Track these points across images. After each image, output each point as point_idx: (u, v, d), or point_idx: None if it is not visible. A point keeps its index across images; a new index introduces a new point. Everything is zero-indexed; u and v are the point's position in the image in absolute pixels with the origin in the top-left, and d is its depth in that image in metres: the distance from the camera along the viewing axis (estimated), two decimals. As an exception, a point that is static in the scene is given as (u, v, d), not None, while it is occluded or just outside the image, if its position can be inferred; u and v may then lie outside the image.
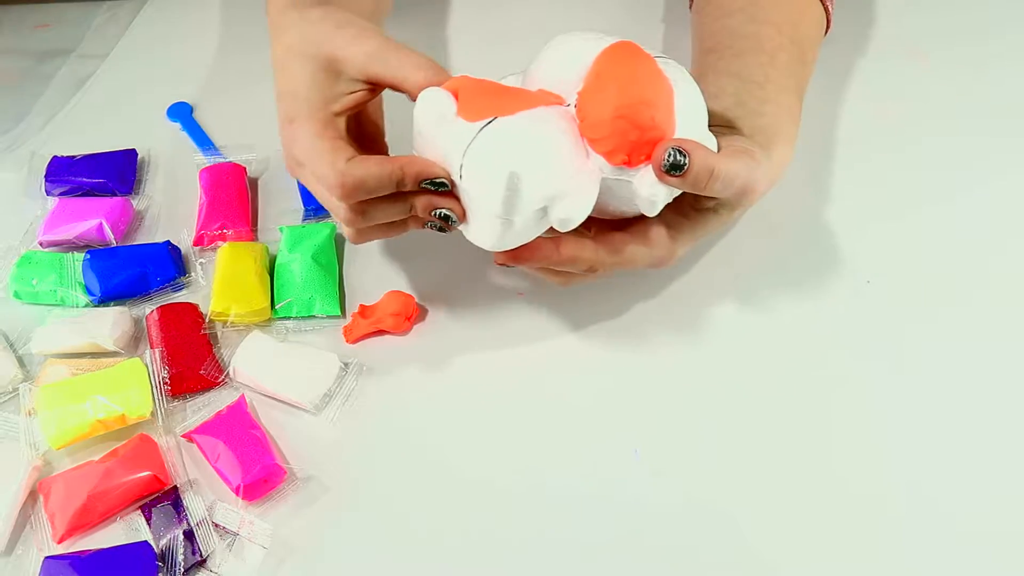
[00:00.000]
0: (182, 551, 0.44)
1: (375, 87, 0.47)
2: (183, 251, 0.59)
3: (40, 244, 0.59)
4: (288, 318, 0.55)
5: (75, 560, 0.43)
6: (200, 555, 0.44)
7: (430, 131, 0.44)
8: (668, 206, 0.45)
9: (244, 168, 0.63)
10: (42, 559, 0.44)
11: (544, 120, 0.43)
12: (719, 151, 0.44)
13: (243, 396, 0.51)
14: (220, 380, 0.52)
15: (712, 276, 0.55)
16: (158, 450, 0.48)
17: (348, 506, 0.47)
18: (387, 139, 0.53)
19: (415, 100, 0.45)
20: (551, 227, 0.44)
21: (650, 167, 0.42)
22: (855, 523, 0.45)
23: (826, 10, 0.57)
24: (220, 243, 0.58)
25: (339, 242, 0.59)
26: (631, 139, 0.42)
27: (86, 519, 0.46)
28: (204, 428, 0.49)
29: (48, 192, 0.62)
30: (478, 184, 0.42)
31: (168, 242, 0.58)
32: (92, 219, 0.59)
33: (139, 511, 0.46)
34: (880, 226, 0.57)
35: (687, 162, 0.41)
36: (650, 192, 0.42)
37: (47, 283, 0.55)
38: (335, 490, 0.47)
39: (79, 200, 0.61)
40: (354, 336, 0.53)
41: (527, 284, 0.55)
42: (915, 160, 0.60)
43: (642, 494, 0.46)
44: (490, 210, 0.42)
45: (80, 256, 0.57)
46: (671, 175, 0.41)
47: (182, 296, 0.56)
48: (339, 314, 0.55)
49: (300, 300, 0.54)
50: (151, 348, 0.53)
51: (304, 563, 0.45)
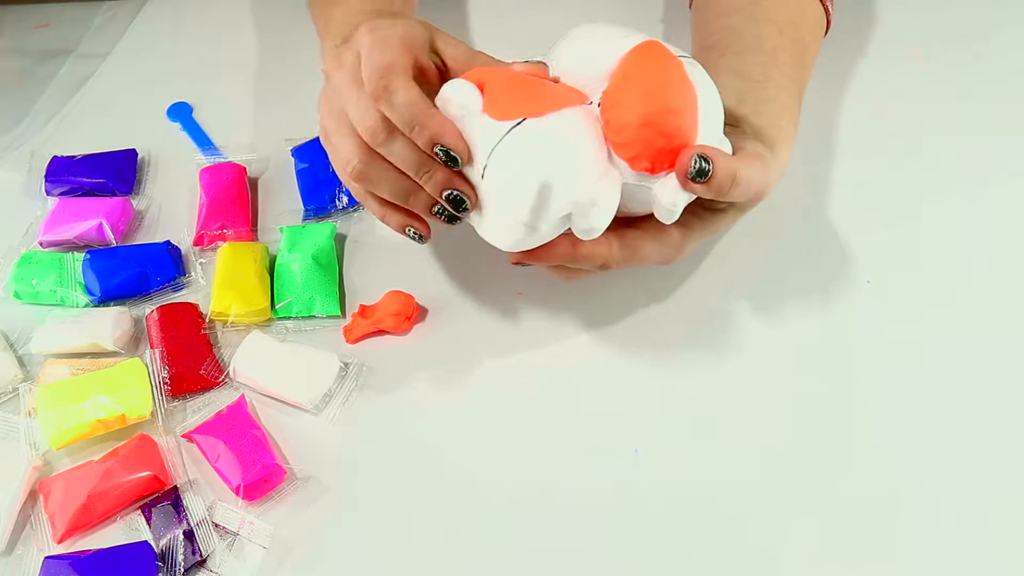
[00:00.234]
0: (182, 551, 0.44)
1: (443, 75, 0.47)
2: (183, 251, 0.59)
3: (40, 244, 0.59)
4: (288, 318, 0.55)
5: (75, 560, 0.43)
6: (200, 555, 0.44)
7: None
8: None
9: (244, 168, 0.63)
10: (42, 559, 0.44)
11: (572, 124, 0.42)
12: (735, 155, 0.44)
13: (243, 396, 0.51)
14: (220, 380, 0.52)
15: (712, 276, 0.55)
16: (158, 450, 0.48)
17: (348, 506, 0.47)
18: None
19: None
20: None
21: (671, 175, 0.42)
22: (855, 522, 0.45)
23: (826, 10, 0.57)
24: (220, 243, 0.58)
25: (339, 242, 0.59)
26: (656, 147, 0.42)
27: (86, 519, 0.46)
28: (204, 428, 0.49)
29: (48, 192, 0.62)
30: (505, 189, 0.42)
31: (168, 242, 0.58)
32: (92, 219, 0.59)
33: (139, 511, 0.46)
34: (880, 226, 0.57)
35: (711, 169, 0.41)
36: (671, 201, 0.42)
37: (47, 283, 0.56)
38: (335, 490, 0.47)
39: (79, 200, 0.61)
40: (354, 336, 0.53)
41: (527, 284, 0.55)
42: (915, 160, 0.60)
43: (642, 494, 0.46)
44: (516, 217, 0.42)
45: (80, 256, 0.57)
46: (696, 182, 0.42)
47: (182, 296, 0.56)
48: (339, 314, 0.55)
49: (300, 300, 0.54)
50: (151, 348, 0.53)
51: (304, 563, 0.45)
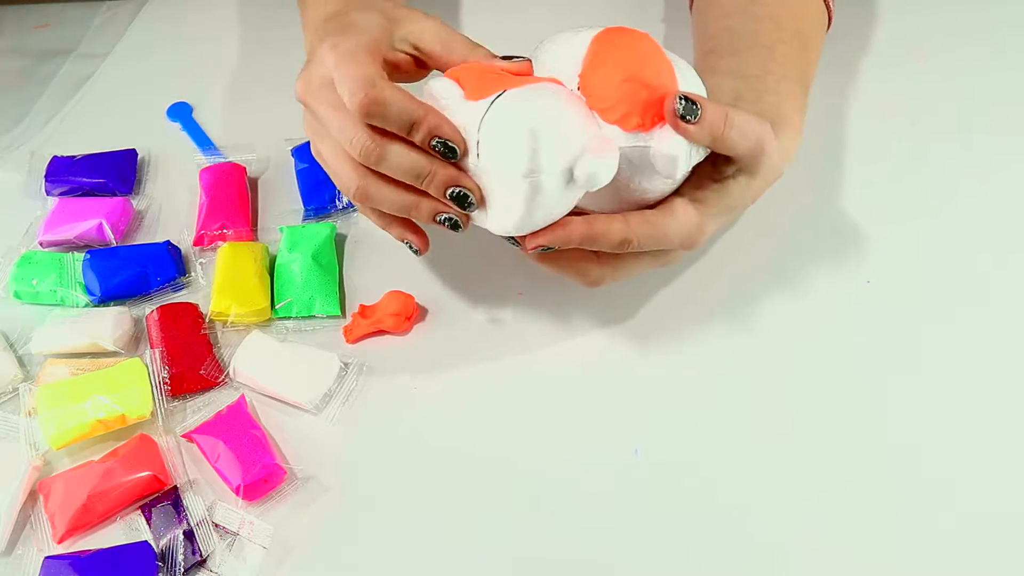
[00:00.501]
0: (182, 551, 0.44)
1: (419, 64, 0.47)
2: (183, 251, 0.59)
3: (40, 244, 0.59)
4: (288, 318, 0.55)
5: (75, 560, 0.43)
6: (200, 555, 0.44)
7: None
8: (688, 182, 0.45)
9: (244, 168, 0.63)
10: (42, 559, 0.44)
11: (553, 88, 0.43)
12: None
13: (243, 396, 0.51)
14: (220, 380, 0.52)
15: (712, 276, 0.55)
16: (158, 450, 0.48)
17: (348, 506, 0.47)
18: None
19: None
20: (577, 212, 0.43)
21: (666, 127, 0.42)
22: (856, 523, 0.45)
23: (827, 6, 0.57)
24: (220, 243, 0.58)
25: (339, 242, 0.59)
26: (642, 99, 0.42)
27: (86, 519, 0.46)
28: (204, 428, 0.49)
29: (48, 192, 0.62)
30: (498, 148, 0.41)
31: (168, 242, 0.58)
32: (92, 219, 0.59)
33: (139, 511, 0.46)
34: (880, 226, 0.57)
35: (700, 109, 0.41)
36: (669, 149, 0.42)
37: (47, 283, 0.56)
38: (335, 490, 0.47)
39: (79, 200, 0.61)
40: (354, 336, 0.53)
41: (527, 284, 0.55)
42: (916, 160, 0.60)
43: (643, 493, 0.46)
44: (516, 169, 0.41)
45: (80, 256, 0.57)
46: (686, 122, 0.41)
47: (182, 296, 0.56)
48: (339, 314, 0.55)
49: (300, 300, 0.54)
50: (151, 348, 0.53)
51: (304, 563, 0.45)
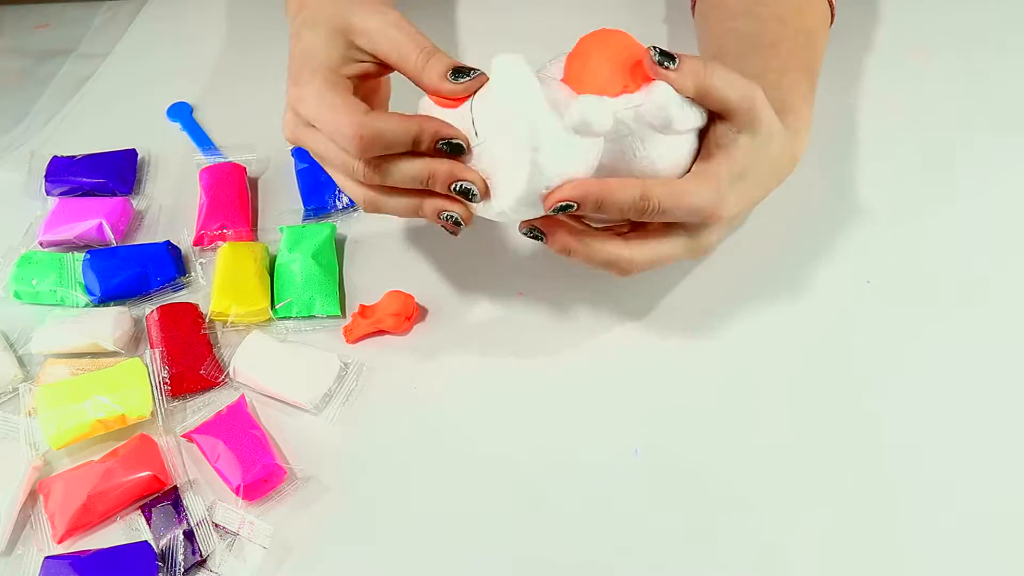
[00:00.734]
0: (182, 551, 0.44)
1: (382, 65, 0.47)
2: (183, 251, 0.59)
3: (40, 244, 0.59)
4: (288, 318, 0.55)
5: (75, 560, 0.43)
6: (200, 555, 0.44)
7: None
8: (696, 157, 0.45)
9: (244, 168, 0.63)
10: (42, 559, 0.44)
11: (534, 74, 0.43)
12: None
13: (243, 396, 0.51)
14: (220, 380, 0.52)
15: (712, 276, 0.55)
16: (158, 450, 0.48)
17: (348, 506, 0.47)
18: None
19: (414, 82, 0.45)
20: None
21: (652, 84, 0.42)
22: (855, 521, 0.45)
23: (830, 2, 0.57)
24: (220, 243, 0.58)
25: (339, 242, 0.59)
26: (621, 65, 0.43)
27: (86, 519, 0.46)
28: (204, 428, 0.49)
29: (48, 192, 0.62)
30: (492, 111, 0.42)
31: (168, 242, 0.58)
32: (92, 219, 0.59)
33: (139, 511, 0.46)
34: (881, 226, 0.57)
35: (676, 57, 0.42)
36: (658, 98, 0.42)
37: (47, 283, 0.55)
38: (335, 490, 0.47)
39: (79, 200, 0.61)
40: (354, 336, 0.53)
41: (527, 284, 0.55)
42: (917, 161, 0.60)
43: (643, 493, 0.46)
44: (513, 119, 0.41)
45: (80, 256, 0.57)
46: (665, 67, 0.42)
47: (182, 296, 0.56)
48: (339, 314, 0.55)
49: (300, 300, 0.54)
50: (151, 348, 0.53)
51: (304, 563, 0.45)
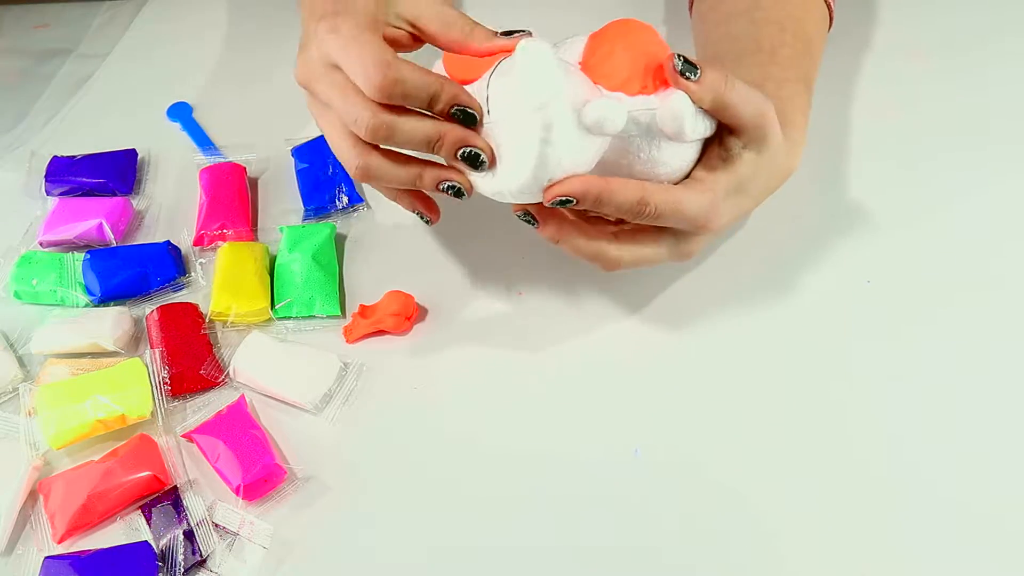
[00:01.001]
0: (182, 551, 0.44)
1: (414, 37, 0.47)
2: (183, 251, 0.59)
3: (40, 244, 0.59)
4: (288, 318, 0.55)
5: (75, 560, 0.43)
6: (200, 555, 0.44)
7: None
8: (697, 163, 0.45)
9: (244, 168, 0.63)
10: (42, 559, 0.44)
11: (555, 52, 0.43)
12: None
13: (243, 396, 0.51)
14: (220, 380, 0.52)
15: (713, 275, 0.55)
16: (158, 450, 0.48)
17: (348, 506, 0.47)
18: None
19: (457, 49, 0.45)
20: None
21: (670, 89, 0.43)
22: (855, 520, 0.45)
23: (828, 7, 0.57)
24: (220, 243, 0.58)
25: (339, 242, 0.59)
26: (644, 66, 0.43)
27: (86, 519, 0.46)
28: (204, 428, 0.49)
29: (48, 192, 0.62)
30: (508, 92, 0.42)
31: (168, 242, 0.58)
32: (92, 219, 0.59)
33: (139, 511, 0.46)
34: (881, 226, 0.57)
35: (699, 69, 0.42)
36: (674, 106, 0.42)
37: (47, 283, 0.55)
38: (335, 490, 0.47)
39: (79, 200, 0.61)
40: (354, 336, 0.53)
41: (527, 284, 0.55)
42: (917, 161, 0.60)
43: (642, 493, 0.46)
44: (526, 105, 0.41)
45: (80, 256, 0.57)
46: (686, 78, 0.42)
47: (182, 296, 0.56)
48: (339, 314, 0.55)
49: (300, 300, 0.54)
50: (151, 348, 0.53)
51: (304, 563, 0.45)
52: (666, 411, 0.49)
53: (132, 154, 0.65)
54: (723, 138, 0.45)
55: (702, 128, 0.44)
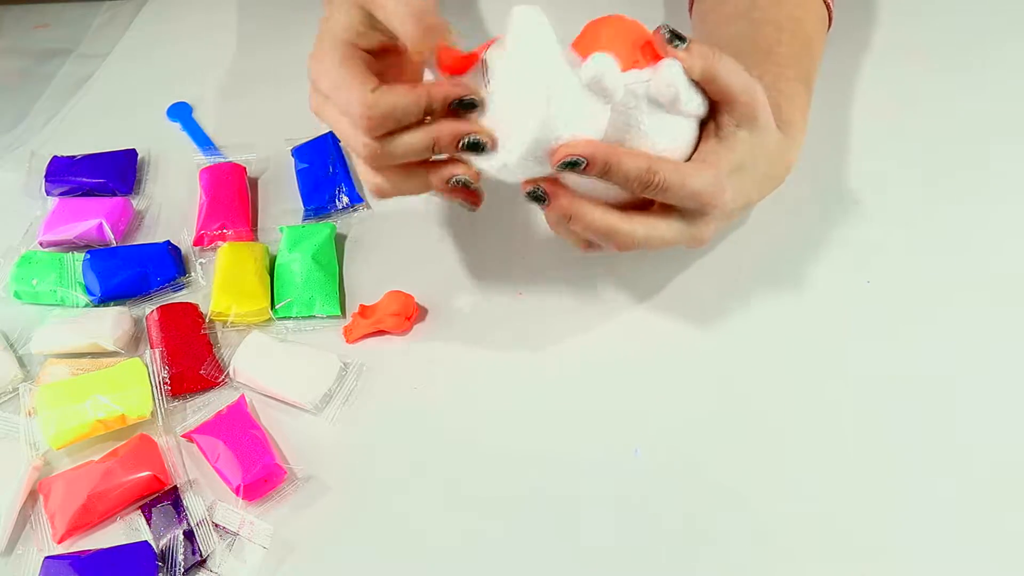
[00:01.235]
0: (182, 551, 0.44)
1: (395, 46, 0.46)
2: (183, 251, 0.59)
3: (40, 244, 0.59)
4: (288, 318, 0.55)
5: (75, 560, 0.43)
6: (200, 555, 0.44)
7: None
8: (697, 147, 0.46)
9: (244, 168, 0.63)
10: (42, 559, 0.44)
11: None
12: None
13: (243, 396, 0.51)
14: (220, 380, 0.52)
15: (713, 275, 0.55)
16: (158, 450, 0.48)
17: (348, 506, 0.47)
18: None
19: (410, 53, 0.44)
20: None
21: (662, 61, 0.43)
22: (854, 521, 0.45)
23: (827, 6, 0.57)
24: (220, 243, 0.58)
25: (339, 242, 0.59)
26: (631, 43, 0.43)
27: (86, 519, 0.46)
28: (204, 428, 0.49)
29: (48, 192, 0.62)
30: (505, 58, 0.42)
31: (168, 242, 0.58)
32: (92, 219, 0.59)
33: (139, 511, 0.46)
34: (881, 226, 0.57)
35: (688, 38, 0.43)
36: (667, 76, 0.43)
37: (47, 283, 0.56)
38: (335, 490, 0.47)
39: (79, 200, 0.61)
40: (354, 336, 0.53)
41: (527, 284, 0.55)
42: (917, 161, 0.60)
43: (642, 493, 0.46)
44: (526, 64, 0.41)
45: (80, 256, 0.57)
46: (675, 46, 0.42)
47: (182, 296, 0.56)
48: (339, 314, 0.55)
49: (300, 300, 0.54)
50: (151, 348, 0.53)
51: (304, 563, 0.45)
52: (666, 411, 0.49)
53: (132, 154, 0.65)
54: (717, 118, 0.45)
55: (696, 103, 0.44)
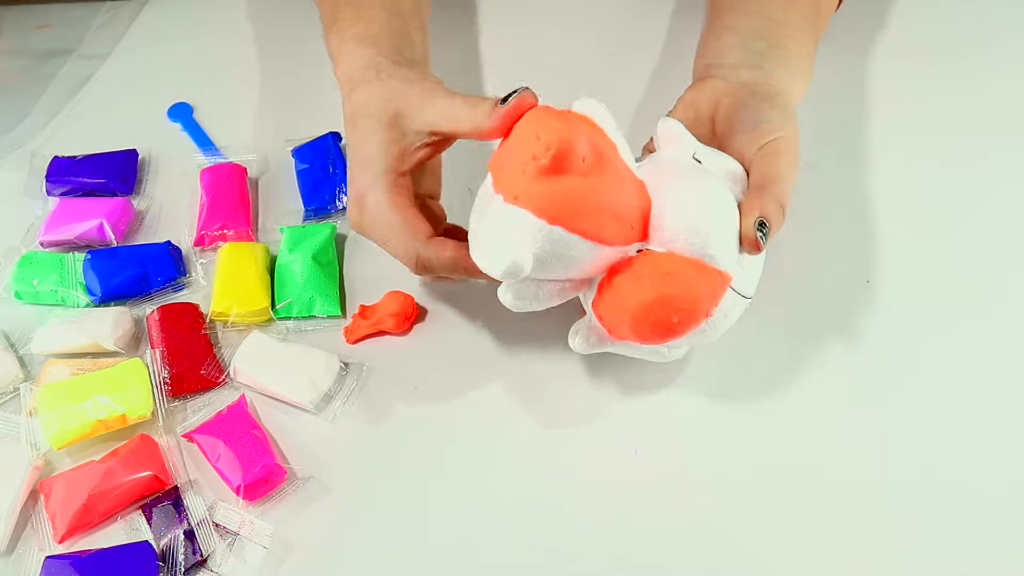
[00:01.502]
0: (183, 551, 0.44)
1: (439, 142, 0.48)
2: (183, 251, 0.59)
3: (41, 244, 0.59)
4: (288, 318, 0.55)
5: (76, 560, 0.44)
6: (200, 555, 0.45)
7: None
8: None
9: (244, 168, 0.63)
10: (43, 559, 0.44)
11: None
12: (757, 153, 0.46)
13: (243, 396, 0.51)
14: (220, 380, 0.52)
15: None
16: (159, 450, 0.48)
17: (348, 506, 0.47)
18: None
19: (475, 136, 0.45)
20: None
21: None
22: (854, 521, 0.45)
23: None
24: (220, 243, 0.58)
25: (339, 242, 0.59)
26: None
27: (87, 519, 0.46)
28: (204, 428, 0.49)
29: (49, 192, 0.62)
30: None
31: (169, 242, 0.58)
32: (93, 219, 0.59)
33: (140, 511, 0.46)
34: (881, 226, 0.57)
35: (767, 227, 0.43)
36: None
37: (48, 283, 0.56)
38: (335, 490, 0.47)
39: (80, 200, 0.61)
40: (354, 337, 0.53)
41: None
42: (916, 161, 0.60)
43: (642, 492, 0.46)
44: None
45: (81, 256, 0.57)
46: (762, 237, 0.43)
47: (182, 296, 0.56)
48: (339, 314, 0.55)
49: (300, 300, 0.54)
50: (152, 348, 0.53)
51: (304, 563, 0.45)
52: (665, 411, 0.49)
53: (133, 154, 0.65)
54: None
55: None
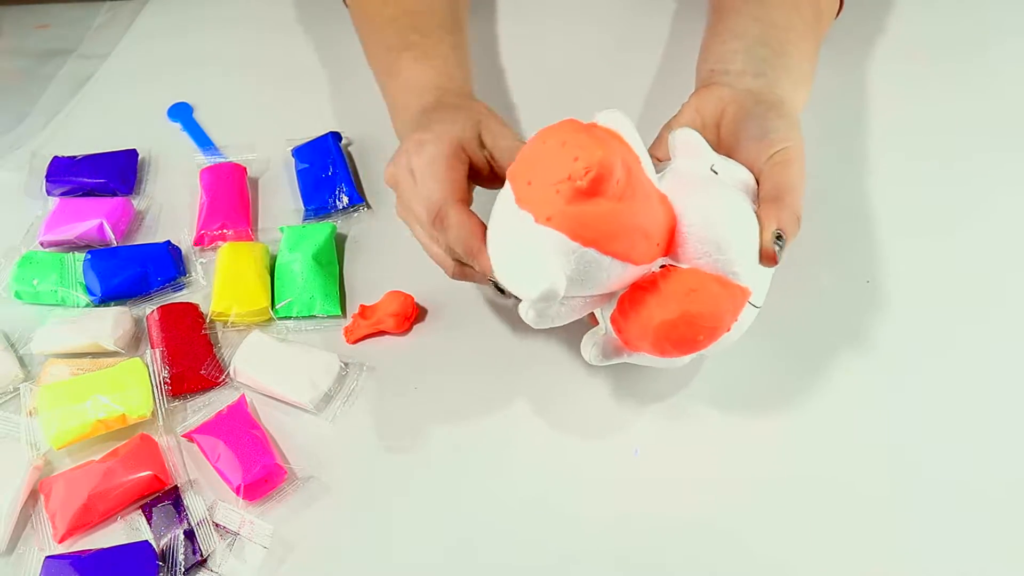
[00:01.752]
0: (182, 551, 0.44)
1: (490, 170, 0.48)
2: (183, 251, 0.59)
3: (41, 244, 0.59)
4: (288, 318, 0.55)
5: (76, 560, 0.44)
6: (200, 555, 0.45)
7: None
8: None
9: (244, 168, 0.63)
10: (43, 559, 0.44)
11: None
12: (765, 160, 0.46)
13: (243, 396, 0.51)
14: (220, 380, 0.52)
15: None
16: (159, 450, 0.48)
17: (348, 506, 0.47)
18: None
19: None
20: None
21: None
22: (854, 522, 0.45)
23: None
24: (220, 243, 0.58)
25: (339, 242, 0.59)
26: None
27: (87, 519, 0.46)
28: (204, 428, 0.49)
29: (49, 192, 0.62)
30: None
31: (168, 242, 0.58)
32: (93, 219, 0.59)
33: (140, 511, 0.46)
34: (881, 226, 0.57)
35: (784, 239, 0.43)
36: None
37: (48, 283, 0.56)
38: (335, 490, 0.47)
39: (80, 200, 0.61)
40: (354, 337, 0.53)
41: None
42: (916, 161, 0.60)
43: (642, 492, 0.46)
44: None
45: (81, 256, 0.57)
46: (779, 249, 0.43)
47: (182, 296, 0.56)
48: (339, 314, 0.55)
49: (300, 300, 0.54)
50: (152, 348, 0.53)
51: (304, 563, 0.45)
52: (665, 410, 0.49)
53: (132, 154, 0.65)
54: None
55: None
